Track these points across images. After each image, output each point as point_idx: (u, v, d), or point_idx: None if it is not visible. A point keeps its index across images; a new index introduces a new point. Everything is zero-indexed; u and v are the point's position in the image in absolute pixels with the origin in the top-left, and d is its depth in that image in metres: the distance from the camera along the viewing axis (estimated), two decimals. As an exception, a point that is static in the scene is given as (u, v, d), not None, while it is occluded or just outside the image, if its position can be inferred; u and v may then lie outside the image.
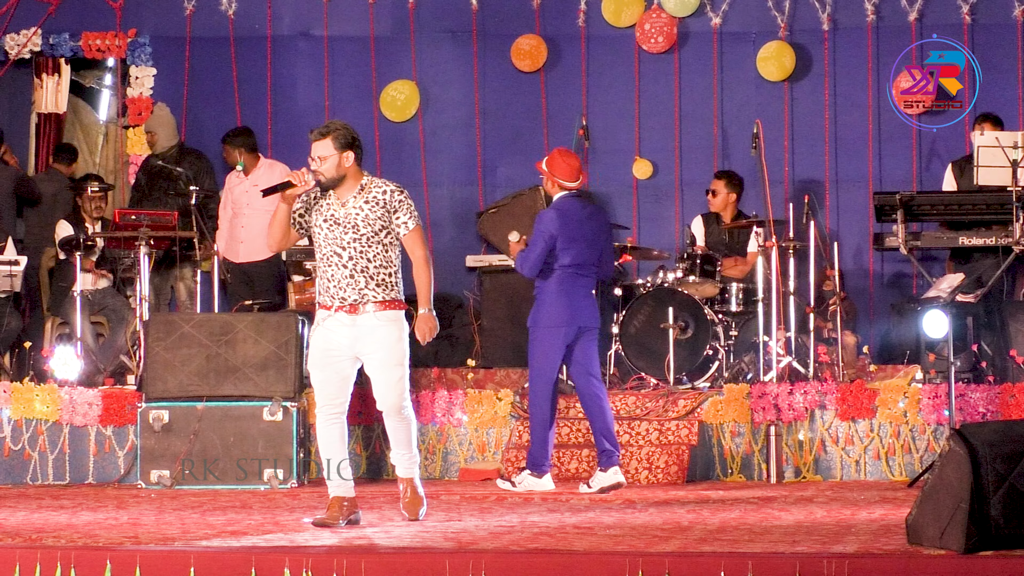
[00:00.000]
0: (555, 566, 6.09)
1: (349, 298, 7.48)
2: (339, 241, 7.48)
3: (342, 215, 7.49)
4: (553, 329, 9.54)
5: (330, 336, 7.50)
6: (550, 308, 9.55)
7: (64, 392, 10.82)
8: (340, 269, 7.49)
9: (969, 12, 12.63)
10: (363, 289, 7.46)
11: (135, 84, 13.15)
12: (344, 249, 7.48)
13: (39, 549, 6.40)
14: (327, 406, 7.55)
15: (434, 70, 13.25)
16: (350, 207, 7.49)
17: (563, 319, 9.53)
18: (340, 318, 7.49)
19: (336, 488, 7.56)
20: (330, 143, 7.46)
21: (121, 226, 11.60)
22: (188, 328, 10.38)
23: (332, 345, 7.50)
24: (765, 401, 10.51)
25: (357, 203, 7.50)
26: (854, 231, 12.73)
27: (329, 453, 7.56)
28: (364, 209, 7.48)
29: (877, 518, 7.76)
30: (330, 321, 7.51)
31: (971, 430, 6.21)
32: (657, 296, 11.25)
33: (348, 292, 7.48)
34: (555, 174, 9.62)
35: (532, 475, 9.55)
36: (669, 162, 13.02)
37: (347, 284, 7.47)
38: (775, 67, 12.75)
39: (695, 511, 8.24)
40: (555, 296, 9.56)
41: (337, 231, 7.49)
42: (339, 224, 7.49)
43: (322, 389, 7.55)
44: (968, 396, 10.24)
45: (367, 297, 7.46)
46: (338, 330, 7.49)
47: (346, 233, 7.48)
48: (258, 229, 12.24)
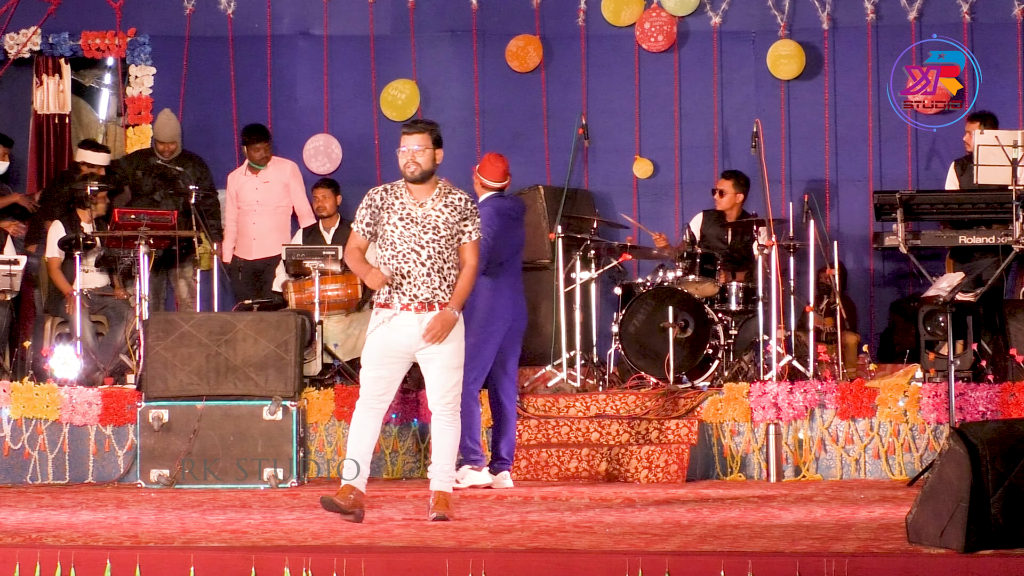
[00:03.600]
0: (555, 565, 6.09)
1: (421, 295, 7.62)
2: (417, 240, 7.62)
3: (420, 215, 7.65)
4: (497, 324, 9.64)
5: (393, 335, 7.65)
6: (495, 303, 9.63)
7: (64, 391, 10.81)
8: (418, 267, 7.62)
9: (969, 12, 12.63)
10: (436, 289, 7.62)
11: (135, 84, 13.15)
12: (423, 248, 7.62)
13: (39, 548, 6.40)
14: (371, 399, 7.72)
15: (434, 69, 13.25)
16: (428, 208, 7.66)
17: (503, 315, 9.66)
18: (406, 318, 7.62)
19: (350, 477, 7.69)
20: (428, 138, 7.69)
21: (121, 226, 11.60)
22: (188, 327, 10.38)
23: (393, 345, 7.65)
24: (765, 400, 10.50)
25: (436, 205, 7.68)
26: (854, 230, 12.73)
27: (357, 443, 7.70)
28: (444, 212, 7.68)
29: (877, 517, 7.75)
30: (396, 320, 7.64)
31: (971, 429, 6.21)
32: (657, 295, 11.25)
33: (422, 290, 7.62)
34: (481, 173, 9.79)
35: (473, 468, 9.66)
36: (669, 161, 13.02)
37: (423, 282, 7.61)
38: (796, 65, 12.75)
39: (695, 510, 8.24)
40: (497, 292, 9.65)
41: (415, 229, 7.63)
42: (417, 223, 7.64)
43: (372, 386, 7.71)
44: (968, 395, 10.24)
45: (438, 297, 7.62)
46: (402, 329, 7.63)
47: (425, 233, 7.63)
48: (269, 226, 12.27)
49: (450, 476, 7.84)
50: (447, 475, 7.81)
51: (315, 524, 7.56)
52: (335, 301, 11.53)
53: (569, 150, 12.04)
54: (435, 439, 7.81)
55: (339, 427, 10.80)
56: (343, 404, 10.76)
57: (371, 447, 7.75)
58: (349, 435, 7.79)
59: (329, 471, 10.83)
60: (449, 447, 7.79)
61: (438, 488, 7.77)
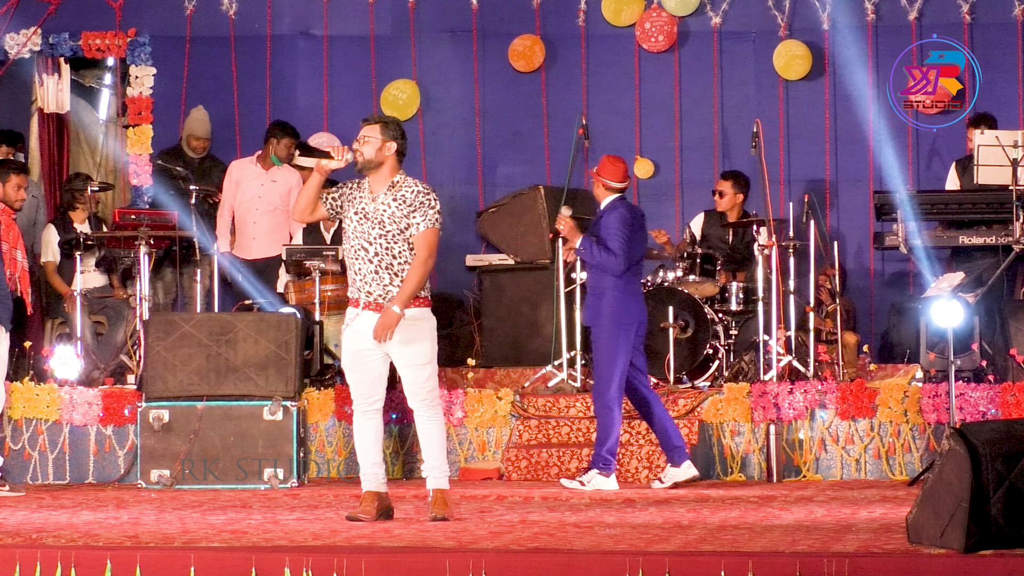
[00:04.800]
0: (555, 565, 6.10)
1: (374, 293, 7.60)
2: (366, 236, 7.60)
3: (371, 209, 7.62)
4: (630, 327, 9.69)
5: (359, 337, 7.65)
6: (629, 306, 9.69)
7: (64, 392, 10.82)
8: (366, 264, 7.61)
9: (969, 12, 12.63)
10: (387, 285, 7.59)
11: (135, 84, 13.14)
12: (371, 244, 7.60)
13: (39, 549, 6.40)
14: (362, 404, 7.75)
15: (434, 69, 13.24)
16: (379, 202, 7.62)
17: (636, 317, 9.75)
18: (367, 318, 7.62)
19: (369, 483, 7.73)
20: (378, 129, 7.68)
21: (121, 226, 11.60)
22: (188, 328, 10.38)
23: (363, 345, 7.65)
24: (765, 400, 10.50)
25: (386, 199, 7.62)
26: (854, 230, 12.73)
27: (363, 449, 7.73)
28: (392, 206, 7.61)
29: (877, 517, 7.76)
30: (358, 322, 7.65)
31: (971, 429, 6.21)
32: (657, 295, 11.25)
33: (373, 287, 7.60)
34: (603, 175, 9.76)
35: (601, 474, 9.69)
36: (670, 161, 13.02)
37: (372, 279, 7.60)
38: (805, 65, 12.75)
39: (695, 510, 8.24)
40: (629, 294, 9.72)
41: (365, 225, 7.61)
42: (368, 218, 7.62)
43: (357, 389, 7.75)
44: (968, 395, 10.24)
45: (391, 293, 7.58)
46: (363, 330, 7.63)
47: (373, 228, 7.60)
48: (269, 226, 12.23)
49: (444, 472, 7.79)
50: (441, 471, 7.77)
51: (315, 524, 7.56)
52: (335, 301, 11.53)
53: (569, 150, 12.03)
54: (421, 436, 7.80)
55: (339, 427, 10.80)
56: (343, 404, 10.76)
57: (379, 448, 7.77)
58: (355, 445, 7.81)
59: (329, 471, 10.83)
60: (437, 442, 7.76)
61: (435, 486, 7.76)
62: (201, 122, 12.70)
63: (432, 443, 7.75)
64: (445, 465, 7.82)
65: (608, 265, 9.64)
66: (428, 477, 7.80)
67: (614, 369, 9.59)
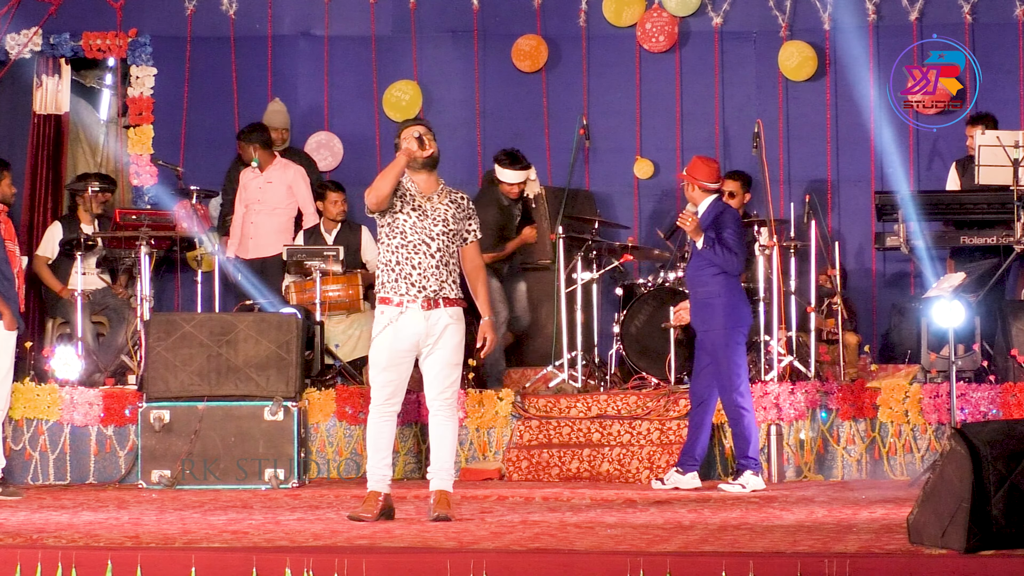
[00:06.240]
0: (556, 565, 6.10)
1: (429, 288, 7.65)
2: (428, 231, 7.67)
3: (428, 208, 7.70)
4: (745, 328, 9.75)
5: (400, 335, 7.67)
6: (740, 308, 9.72)
7: (65, 392, 10.82)
8: (427, 258, 7.66)
9: (970, 12, 12.63)
10: (444, 281, 7.67)
11: (136, 84, 13.14)
12: (433, 240, 7.67)
13: (40, 549, 6.41)
14: (384, 405, 7.75)
15: (435, 70, 13.24)
16: (436, 203, 7.71)
17: (747, 319, 9.81)
18: (413, 315, 7.64)
19: (376, 483, 7.75)
20: (431, 132, 7.78)
21: (121, 226, 11.60)
22: (189, 328, 10.38)
23: (401, 345, 7.68)
24: (766, 400, 10.50)
25: (443, 201, 7.74)
26: (855, 231, 12.73)
27: (375, 449, 7.73)
28: (451, 208, 7.73)
29: (878, 518, 7.76)
30: (402, 319, 7.65)
31: (972, 429, 6.21)
32: (658, 296, 11.25)
33: (431, 282, 7.66)
34: (699, 177, 9.74)
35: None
36: (670, 162, 13.01)
37: (432, 274, 7.66)
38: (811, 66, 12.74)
39: (696, 511, 8.24)
40: (740, 296, 9.76)
41: (426, 222, 7.68)
42: (427, 216, 7.68)
43: (383, 389, 7.75)
44: (969, 395, 10.24)
45: (445, 290, 7.67)
46: (409, 327, 7.66)
47: (435, 225, 7.68)
48: (268, 226, 12.24)
49: (451, 474, 7.82)
50: (448, 473, 7.80)
51: (316, 525, 7.57)
52: (336, 302, 11.53)
53: (570, 151, 12.03)
54: (434, 436, 7.81)
55: (340, 428, 10.80)
56: (344, 405, 10.77)
57: (390, 451, 7.78)
58: (367, 443, 7.80)
59: (330, 471, 10.83)
60: (449, 444, 7.79)
61: (438, 487, 7.77)
62: (278, 113, 12.74)
63: (446, 445, 7.78)
64: (453, 468, 7.85)
65: (730, 264, 9.65)
66: (433, 478, 7.81)
67: (739, 372, 9.60)
